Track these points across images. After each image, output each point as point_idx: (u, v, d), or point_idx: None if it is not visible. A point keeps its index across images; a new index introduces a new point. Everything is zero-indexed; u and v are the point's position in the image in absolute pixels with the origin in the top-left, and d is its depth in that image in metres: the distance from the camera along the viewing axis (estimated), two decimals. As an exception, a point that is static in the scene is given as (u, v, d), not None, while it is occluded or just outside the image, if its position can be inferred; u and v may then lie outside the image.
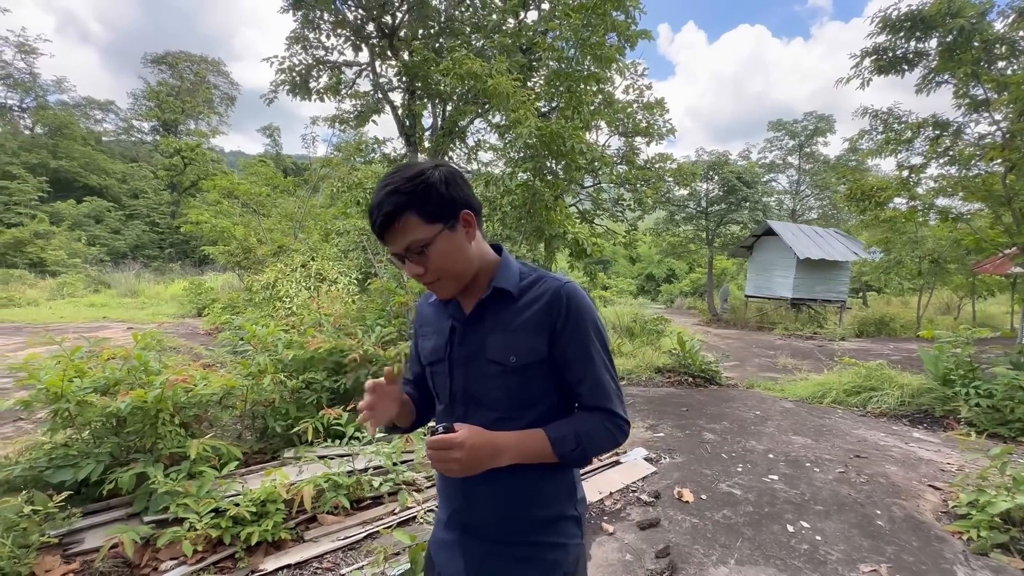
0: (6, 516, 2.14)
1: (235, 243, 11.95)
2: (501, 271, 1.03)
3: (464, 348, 1.02)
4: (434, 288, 0.99)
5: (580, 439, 0.97)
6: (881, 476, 3.75)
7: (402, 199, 0.89)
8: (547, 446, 0.96)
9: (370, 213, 0.93)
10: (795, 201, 26.68)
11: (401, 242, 0.92)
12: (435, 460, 0.89)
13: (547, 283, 1.01)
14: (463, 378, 1.03)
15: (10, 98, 28.52)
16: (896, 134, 7.79)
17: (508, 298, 1.00)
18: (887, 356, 8.71)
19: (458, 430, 0.89)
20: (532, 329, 0.97)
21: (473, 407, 1.02)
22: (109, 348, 3.28)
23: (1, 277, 16.77)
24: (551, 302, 0.98)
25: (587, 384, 1.00)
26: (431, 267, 0.94)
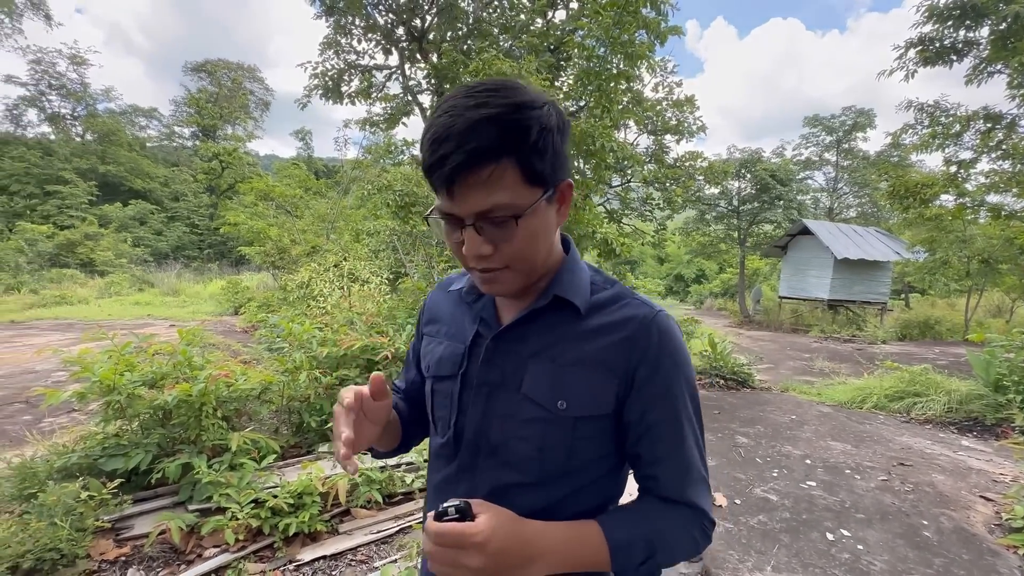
0: (65, 501, 2.26)
1: (270, 244, 12.32)
2: (567, 274, 0.72)
3: (490, 370, 0.72)
4: (489, 279, 0.67)
5: (653, 549, 0.66)
6: (927, 485, 3.59)
7: (506, 135, 0.58)
8: (603, 554, 0.64)
9: (436, 143, 0.58)
10: (832, 199, 25.79)
11: (482, 201, 0.60)
12: (438, 561, 0.58)
13: (632, 307, 0.71)
14: (480, 414, 0.71)
15: (63, 107, 30.18)
16: (944, 128, 7.45)
17: (571, 315, 0.71)
18: (932, 360, 8.32)
19: (478, 514, 0.59)
20: (600, 368, 0.68)
21: (485, 459, 0.71)
22: (156, 344, 3.44)
23: (55, 277, 17.76)
24: (636, 337, 0.68)
25: (669, 466, 0.70)
26: (509, 250, 0.63)
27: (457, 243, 0.65)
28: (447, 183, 0.59)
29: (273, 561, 2.41)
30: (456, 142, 0.57)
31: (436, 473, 0.79)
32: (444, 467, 0.76)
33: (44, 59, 27.91)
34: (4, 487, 2.51)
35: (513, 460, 0.69)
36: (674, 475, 0.70)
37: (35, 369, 6.54)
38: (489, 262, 0.64)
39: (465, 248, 0.63)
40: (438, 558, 0.58)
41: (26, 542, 2.09)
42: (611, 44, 5.90)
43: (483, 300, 0.76)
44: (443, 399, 0.77)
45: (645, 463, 0.71)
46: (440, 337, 0.81)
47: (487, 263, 0.65)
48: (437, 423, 0.78)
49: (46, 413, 4.65)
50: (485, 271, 0.66)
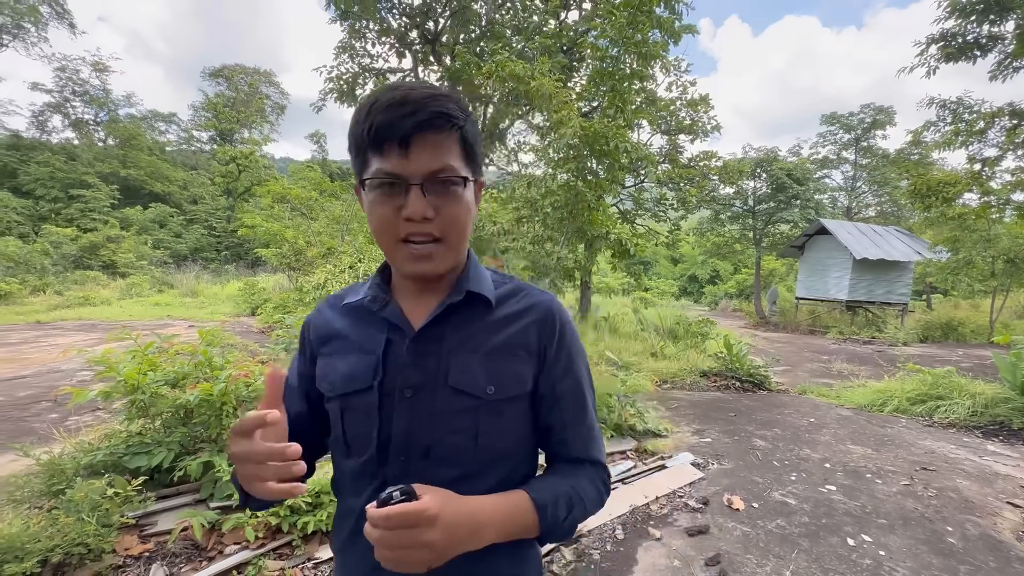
0: (92, 497, 2.32)
1: (287, 246, 12.49)
2: (474, 271, 0.77)
3: (412, 373, 0.72)
4: (426, 253, 0.68)
5: (572, 504, 0.72)
6: (952, 490, 3.50)
7: (458, 111, 0.66)
8: (532, 516, 0.69)
9: (399, 102, 0.63)
10: (850, 198, 25.33)
11: (434, 159, 0.64)
12: (389, 546, 0.57)
13: (532, 296, 0.79)
14: (407, 418, 0.71)
15: (86, 113, 30.97)
16: (967, 125, 7.28)
17: (481, 308, 0.76)
18: (956, 363, 8.13)
19: (421, 494, 0.59)
20: (517, 352, 0.74)
21: (418, 461, 0.71)
22: (177, 344, 3.51)
23: (79, 278, 18.21)
24: (543, 320, 0.76)
25: (578, 430, 0.78)
26: (448, 216, 0.67)
27: (393, 210, 0.66)
28: (404, 140, 0.63)
29: (292, 559, 2.44)
30: (417, 105, 0.63)
31: (356, 497, 0.74)
32: (367, 486, 0.73)
33: (68, 66, 28.67)
34: (34, 483, 2.58)
35: (449, 455, 0.71)
36: (581, 438, 0.79)
37: (61, 368, 6.71)
38: (427, 227, 0.66)
39: (409, 209, 0.65)
40: (390, 542, 0.57)
41: (55, 537, 2.15)
42: (624, 44, 5.88)
43: (388, 308, 0.76)
44: (358, 415, 0.73)
45: (556, 430, 0.78)
46: (342, 353, 0.77)
47: (426, 228, 0.66)
48: (351, 443, 0.74)
49: (72, 411, 4.77)
50: (420, 243, 0.67)
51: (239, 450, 0.61)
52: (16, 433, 4.27)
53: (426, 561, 0.58)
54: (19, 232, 21.77)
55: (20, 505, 2.48)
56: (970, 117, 7.25)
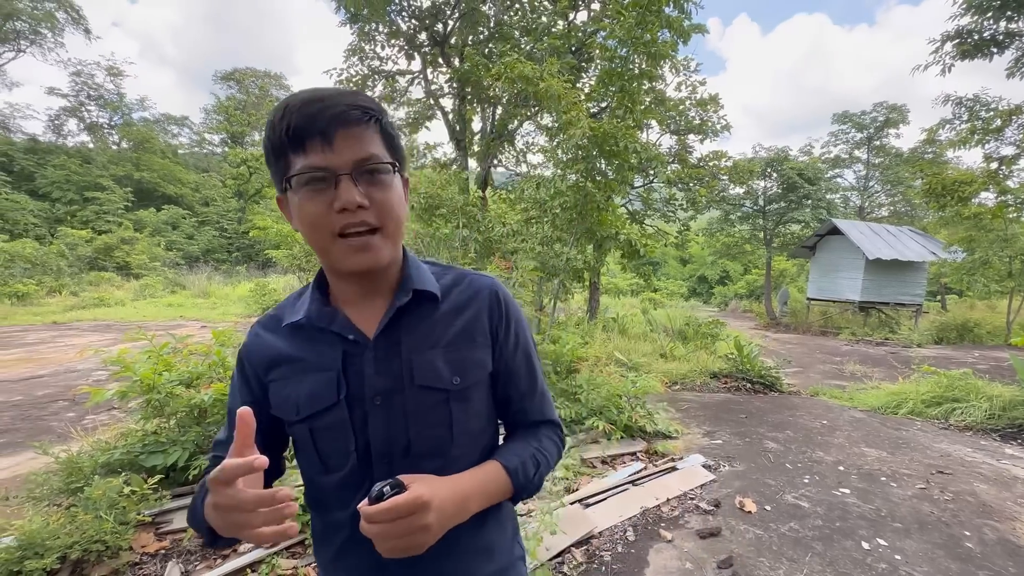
0: (109, 495, 2.36)
1: (297, 247, 12.59)
2: (414, 270, 0.78)
3: (377, 379, 0.73)
4: (365, 244, 0.67)
5: (538, 462, 0.79)
6: (969, 494, 3.45)
7: (372, 105, 0.67)
8: (506, 481, 0.75)
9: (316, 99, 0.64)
10: (863, 198, 25.04)
11: (359, 149, 0.65)
12: (390, 537, 0.60)
13: (476, 281, 0.82)
14: (383, 422, 0.72)
15: (101, 117, 31.48)
16: (984, 123, 7.16)
17: (428, 303, 0.77)
18: (972, 365, 8.00)
19: (408, 484, 0.63)
20: (473, 339, 0.77)
21: (400, 461, 0.73)
22: (191, 344, 3.56)
23: (93, 279, 18.51)
24: (490, 304, 0.80)
25: (533, 397, 0.85)
26: (382, 203, 0.67)
27: (325, 205, 0.65)
28: (325, 134, 0.63)
29: (305, 557, 2.46)
30: (333, 101, 0.64)
31: (343, 510, 0.74)
32: (354, 496, 0.72)
33: (83, 71, 29.18)
34: (53, 481, 2.63)
35: (429, 449, 0.74)
36: (537, 403, 0.86)
37: (77, 368, 6.82)
38: (362, 215, 0.66)
39: (342, 199, 0.64)
40: (391, 533, 0.60)
41: (74, 534, 2.19)
42: (633, 44, 5.86)
43: (337, 320, 0.74)
44: (330, 432, 0.73)
45: (515, 400, 0.84)
46: (297, 376, 0.75)
47: (360, 217, 0.66)
48: (327, 460, 0.74)
49: (88, 411, 4.85)
50: (357, 235, 0.67)
51: (223, 501, 0.57)
52: (35, 432, 4.35)
53: (425, 543, 0.63)
54: (36, 234, 22.18)
55: (40, 502, 2.53)
56: (987, 115, 7.12)
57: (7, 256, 16.61)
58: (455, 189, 8.28)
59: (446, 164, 12.39)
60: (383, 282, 0.76)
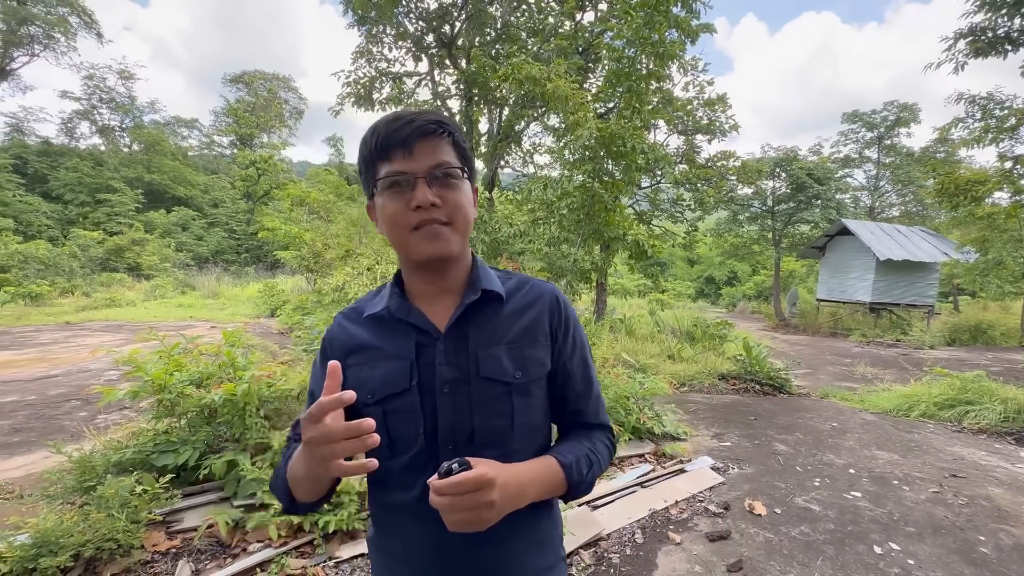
0: (121, 494, 2.38)
1: (305, 248, 12.66)
2: (482, 272, 0.86)
3: (447, 370, 0.80)
4: (436, 232, 0.77)
5: (591, 461, 0.83)
6: (983, 498, 3.40)
7: (445, 121, 0.79)
8: (561, 476, 0.79)
9: (399, 117, 0.77)
10: (873, 198, 24.76)
11: (433, 157, 0.76)
12: (458, 510, 0.65)
13: (538, 286, 0.89)
14: (451, 409, 0.79)
15: (113, 120, 31.89)
16: (998, 121, 7.05)
17: (495, 304, 0.84)
18: (985, 367, 7.88)
19: (474, 464, 0.68)
20: (535, 339, 0.84)
21: (464, 447, 0.79)
22: (202, 345, 3.58)
23: (105, 280, 18.73)
24: (550, 308, 0.87)
25: (588, 399, 0.90)
26: (452, 202, 0.77)
27: (403, 205, 0.76)
28: (406, 146, 0.75)
29: (313, 557, 2.47)
30: (412, 118, 0.76)
31: (407, 491, 0.81)
32: (419, 478, 0.78)
33: (96, 75, 29.56)
34: (66, 480, 2.66)
35: (491, 437, 0.80)
36: (592, 405, 0.91)
37: (89, 368, 6.90)
38: (435, 213, 0.76)
39: (417, 199, 0.75)
40: (459, 506, 0.65)
41: (87, 532, 2.21)
42: (641, 44, 5.84)
43: (413, 314, 0.82)
44: (401, 415, 0.80)
45: (571, 401, 0.89)
46: (374, 362, 0.83)
47: (434, 214, 0.76)
48: (396, 443, 0.80)
49: (100, 410, 4.90)
50: (430, 223, 0.76)
51: (315, 434, 0.64)
52: (48, 431, 4.40)
53: (489, 519, 0.67)
54: (49, 235, 22.48)
55: (54, 500, 2.56)
56: (1001, 113, 7.01)
57: (21, 257, 16.85)
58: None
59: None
60: (453, 281, 0.84)
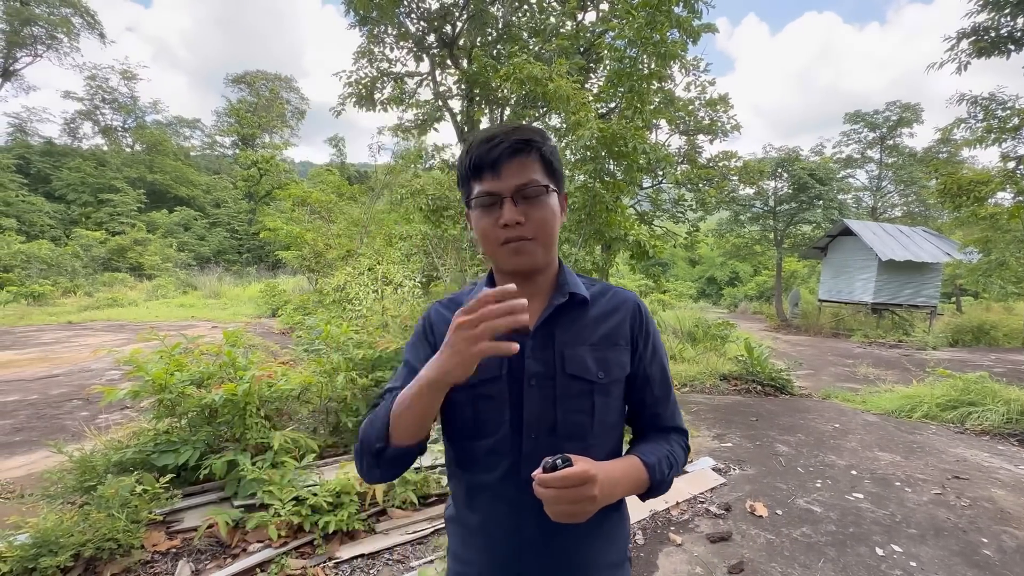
0: (121, 494, 2.38)
1: (307, 248, 12.67)
2: (569, 276, 0.92)
3: (534, 363, 0.85)
4: (520, 248, 0.83)
5: (671, 463, 0.88)
6: (986, 500, 3.38)
7: (535, 137, 0.83)
8: (645, 475, 0.84)
9: (490, 138, 0.82)
10: (876, 198, 24.69)
11: (520, 176, 0.81)
12: (562, 502, 0.70)
13: (620, 293, 0.95)
14: (536, 401, 0.84)
15: (115, 120, 31.92)
16: (1000, 121, 7.02)
17: (580, 308, 0.90)
18: (988, 368, 7.85)
19: (576, 461, 0.72)
20: (616, 342, 0.89)
21: (545, 436, 0.84)
22: (203, 345, 3.59)
23: (107, 280, 18.76)
24: (633, 315, 0.92)
25: (666, 404, 0.95)
26: (536, 219, 0.82)
27: (492, 221, 0.82)
28: (495, 165, 0.81)
29: (313, 557, 2.47)
30: (504, 138, 0.81)
31: (489, 472, 0.87)
32: (501, 461, 0.85)
33: (98, 75, 29.58)
34: (67, 479, 2.66)
35: (571, 431, 0.85)
36: (669, 410, 0.96)
37: (91, 368, 6.91)
38: (522, 229, 0.82)
39: (503, 218, 0.81)
40: (564, 498, 0.70)
41: (87, 532, 2.21)
42: (643, 44, 5.82)
43: None
44: (489, 401, 0.86)
45: (649, 405, 0.94)
46: None
47: (519, 231, 0.82)
48: (483, 426, 0.86)
49: (101, 410, 4.91)
50: (516, 240, 0.82)
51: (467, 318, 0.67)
52: (49, 430, 4.41)
53: (589, 512, 0.72)
54: (51, 235, 22.54)
55: (54, 500, 2.56)
56: (1004, 113, 6.98)
57: (24, 257, 16.89)
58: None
59: (454, 165, 12.40)
60: (541, 285, 0.90)
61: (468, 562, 0.91)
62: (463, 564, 0.92)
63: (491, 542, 0.88)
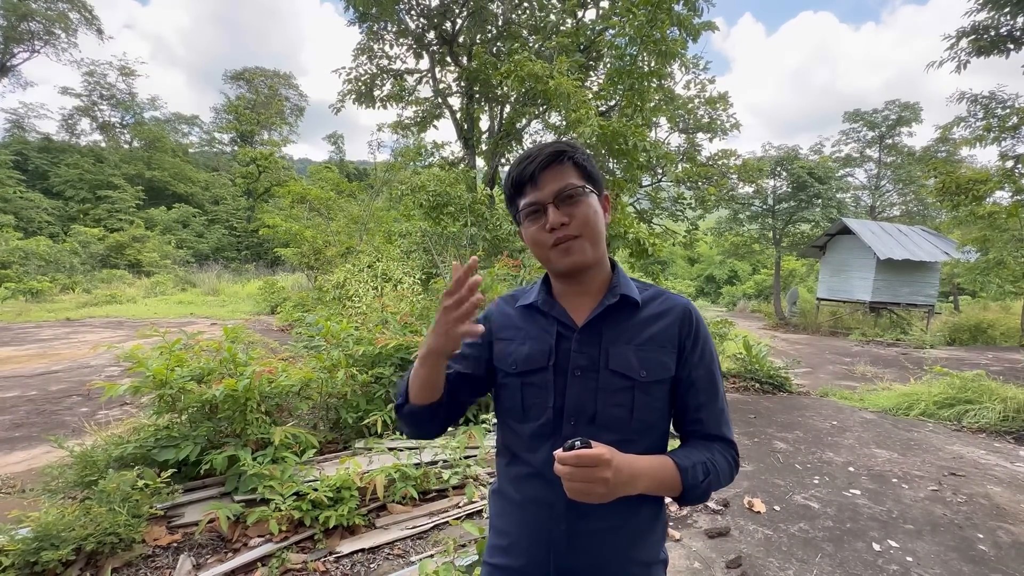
0: (123, 489, 2.39)
1: (306, 245, 12.66)
2: (623, 279, 0.97)
3: (579, 357, 0.91)
4: (569, 247, 0.89)
5: (708, 471, 0.87)
6: (982, 497, 3.41)
7: (567, 148, 0.91)
8: (676, 476, 0.85)
9: (526, 157, 0.91)
10: (874, 197, 24.73)
11: (557, 183, 0.88)
12: (576, 479, 0.74)
13: (672, 299, 0.97)
14: (578, 391, 0.90)
15: (113, 116, 31.83)
16: (1000, 120, 7.03)
17: (631, 309, 0.94)
18: (985, 366, 7.88)
19: (596, 447, 0.76)
20: (662, 344, 0.92)
21: (585, 425, 0.89)
22: (203, 341, 3.59)
23: (106, 277, 18.73)
24: (682, 320, 0.93)
25: (710, 410, 0.94)
26: (579, 217, 0.88)
27: (540, 228, 0.89)
28: (533, 178, 0.89)
29: (314, 552, 2.48)
30: (538, 153, 0.90)
31: (532, 453, 0.93)
32: (543, 444, 0.91)
33: (96, 71, 29.48)
34: (67, 474, 2.66)
35: (610, 423, 0.89)
36: (713, 417, 0.94)
37: (90, 364, 6.91)
38: (568, 228, 0.87)
39: (549, 221, 0.87)
40: (578, 477, 0.74)
41: (88, 526, 2.22)
42: (643, 42, 5.82)
43: (556, 309, 0.96)
44: (536, 389, 0.93)
45: (691, 409, 0.94)
46: (520, 340, 0.97)
47: (567, 230, 0.87)
48: (528, 410, 0.94)
49: (101, 405, 4.91)
50: (564, 240, 0.88)
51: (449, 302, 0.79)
52: (49, 426, 4.42)
53: (601, 494, 0.75)
54: (50, 232, 22.50)
55: (55, 495, 2.57)
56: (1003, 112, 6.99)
57: (22, 253, 16.86)
58: (463, 187, 8.28)
59: (454, 163, 12.39)
60: (593, 285, 0.95)
61: (505, 533, 0.97)
62: (500, 535, 0.98)
63: (527, 517, 0.93)
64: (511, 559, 0.94)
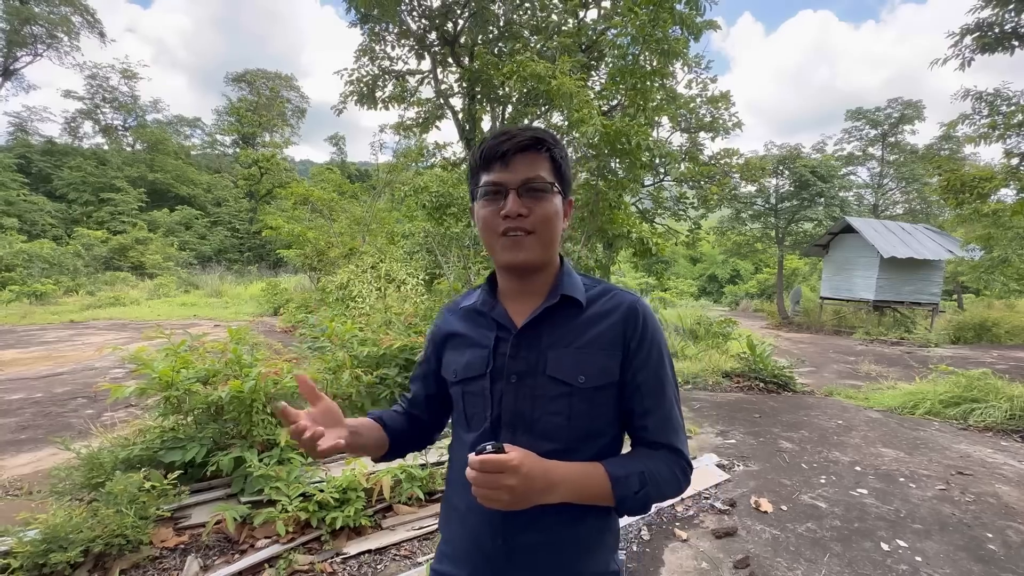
0: (130, 491, 2.39)
1: (309, 246, 12.67)
2: (567, 278, 0.90)
3: (516, 362, 0.86)
4: (519, 242, 0.83)
5: (645, 481, 0.81)
6: (990, 496, 3.39)
7: (547, 138, 0.85)
8: (606, 485, 0.80)
9: (504, 133, 0.83)
10: (877, 195, 24.65)
11: (528, 171, 0.82)
12: (480, 485, 0.71)
13: (618, 296, 0.90)
14: (513, 398, 0.85)
15: (116, 119, 31.91)
16: (1004, 117, 7.00)
17: (574, 309, 0.88)
18: (991, 364, 7.86)
19: (509, 451, 0.73)
20: (604, 347, 0.85)
21: (523, 435, 0.84)
22: (208, 343, 3.59)
23: (109, 279, 18.78)
24: (626, 318, 0.86)
25: (656, 417, 0.87)
26: (538, 214, 0.82)
27: (495, 211, 0.83)
28: (504, 157, 0.82)
29: (321, 553, 2.48)
30: (517, 133, 0.83)
31: None
32: None
33: (99, 74, 29.60)
34: (74, 476, 2.67)
35: (547, 431, 0.84)
36: (659, 423, 0.87)
37: (95, 366, 6.93)
38: (523, 222, 0.82)
39: (507, 208, 0.81)
40: (482, 482, 0.71)
41: (96, 528, 2.22)
42: (645, 42, 5.82)
43: (496, 310, 0.91)
44: (475, 397, 0.89)
45: (637, 415, 0.87)
46: (462, 348, 0.94)
47: (521, 223, 0.82)
48: (470, 420, 0.91)
49: (107, 407, 4.92)
50: (516, 233, 0.83)
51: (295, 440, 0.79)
52: (55, 428, 4.43)
53: (506, 502, 0.72)
54: (53, 235, 22.56)
55: (63, 497, 2.58)
56: (1008, 109, 6.96)
57: (26, 256, 16.91)
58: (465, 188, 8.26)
59: (456, 163, 12.40)
60: (539, 284, 0.90)
61: (450, 540, 0.95)
62: (446, 541, 0.97)
63: (468, 526, 0.90)
64: (456, 568, 0.91)
